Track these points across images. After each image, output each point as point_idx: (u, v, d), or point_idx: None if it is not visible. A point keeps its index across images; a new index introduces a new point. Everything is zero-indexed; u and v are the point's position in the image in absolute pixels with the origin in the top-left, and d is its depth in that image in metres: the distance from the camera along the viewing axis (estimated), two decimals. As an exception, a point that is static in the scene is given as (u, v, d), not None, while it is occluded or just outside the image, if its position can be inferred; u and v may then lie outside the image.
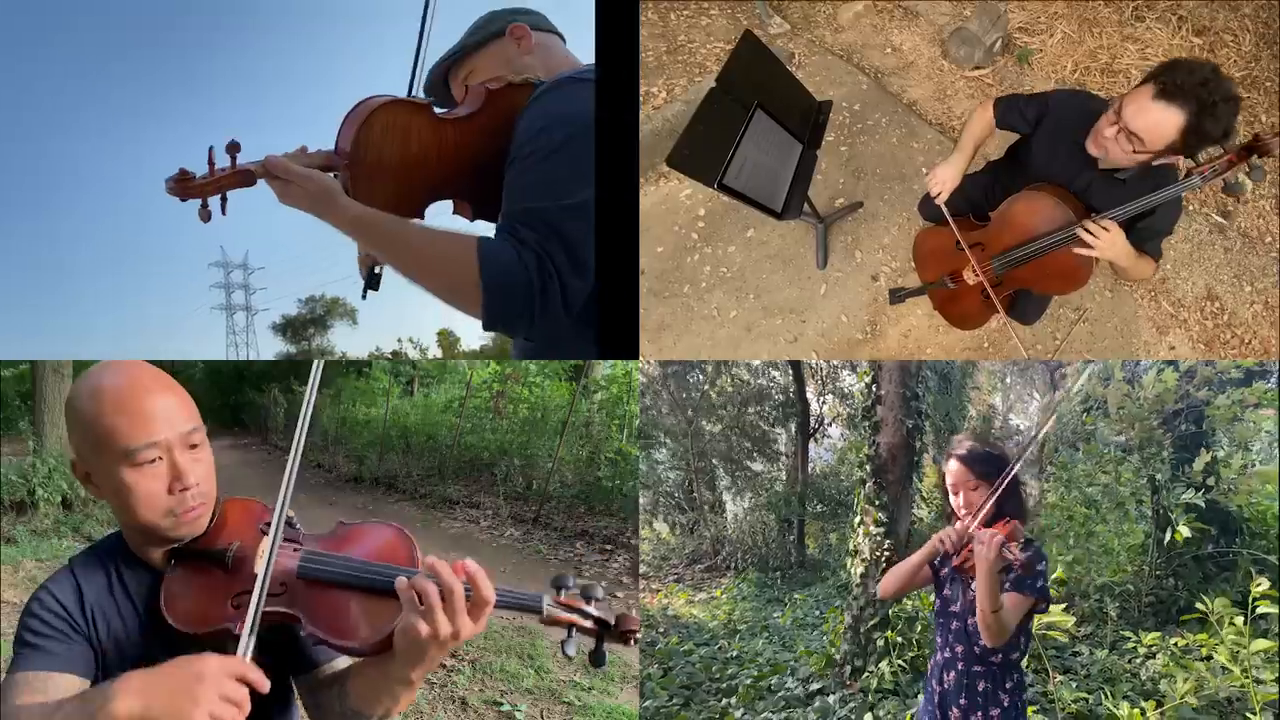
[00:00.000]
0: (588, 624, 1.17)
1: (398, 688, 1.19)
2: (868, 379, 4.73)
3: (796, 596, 7.75)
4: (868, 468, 4.73)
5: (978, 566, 1.77)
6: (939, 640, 2.01)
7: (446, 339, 32.32)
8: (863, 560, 4.63)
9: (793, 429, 10.64)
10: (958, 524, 1.89)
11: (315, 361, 1.44)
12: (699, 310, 3.26)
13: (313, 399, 1.26)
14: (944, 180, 2.30)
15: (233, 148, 1.52)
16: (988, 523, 1.87)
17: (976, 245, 2.36)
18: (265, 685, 1.07)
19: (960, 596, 1.95)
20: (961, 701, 1.93)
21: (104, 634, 1.21)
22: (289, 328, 36.53)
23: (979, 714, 1.91)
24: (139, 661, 1.18)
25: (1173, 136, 1.85)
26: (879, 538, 4.58)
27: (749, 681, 4.54)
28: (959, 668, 1.94)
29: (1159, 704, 3.06)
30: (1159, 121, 1.84)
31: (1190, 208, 3.57)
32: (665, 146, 3.59)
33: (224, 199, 1.55)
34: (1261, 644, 2.72)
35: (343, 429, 11.57)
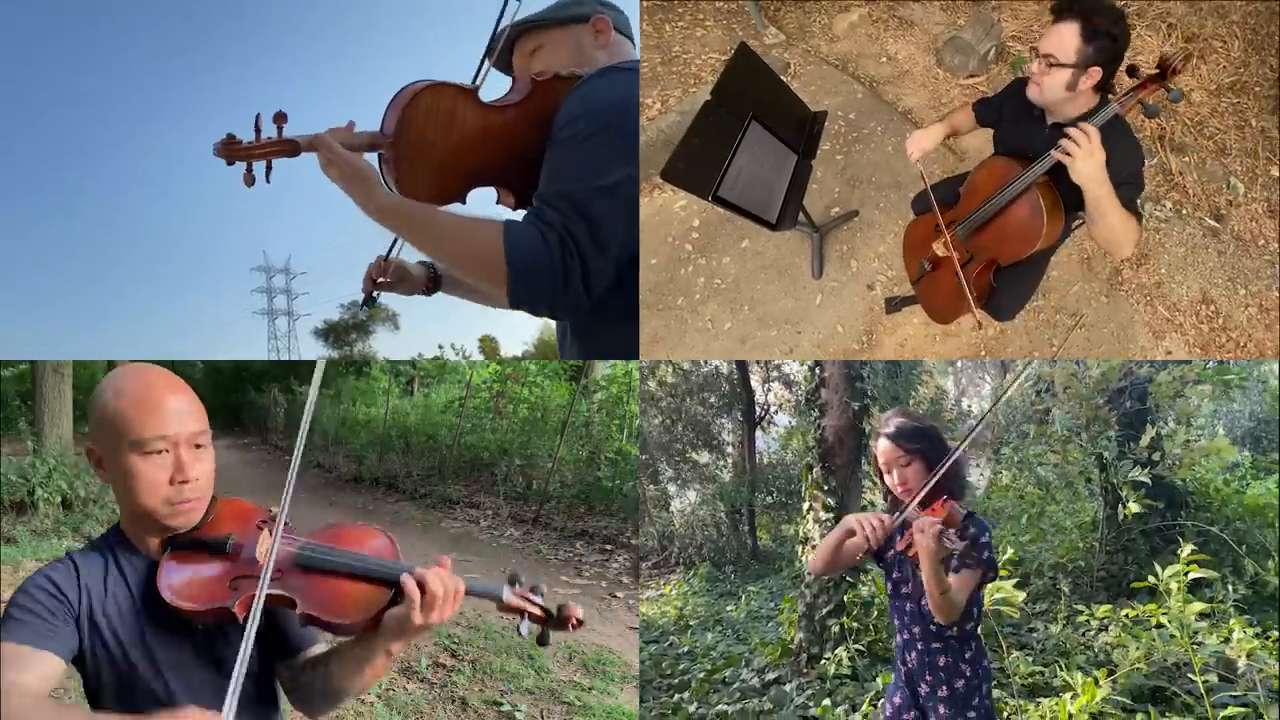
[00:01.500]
0: (536, 610, 1.34)
1: (378, 659, 1.33)
2: (810, 362, 4.67)
3: (750, 589, 7.72)
4: (814, 452, 4.71)
5: (920, 555, 1.80)
6: (897, 623, 2.07)
7: (489, 344, 32.46)
8: (813, 547, 4.58)
9: (738, 418, 10.58)
10: (884, 518, 1.89)
11: (318, 361, 1.49)
12: (693, 323, 3.28)
13: (315, 399, 1.39)
14: (920, 144, 2.54)
15: (279, 118, 1.57)
16: (925, 502, 1.89)
17: (951, 224, 2.51)
18: None
19: (911, 578, 2.00)
20: (927, 678, 2.00)
21: (97, 614, 1.29)
22: (331, 332, 36.61)
23: (944, 688, 1.98)
24: (133, 640, 1.29)
25: (1077, 44, 2.09)
26: (829, 523, 4.54)
27: (702, 675, 4.52)
28: (919, 647, 2.01)
29: (1111, 673, 3.16)
30: (1061, 35, 2.10)
31: (1184, 211, 3.61)
32: (660, 158, 3.62)
33: (269, 166, 1.59)
34: (1196, 606, 2.84)
35: (343, 429, 11.63)
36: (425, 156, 1.65)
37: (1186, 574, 2.88)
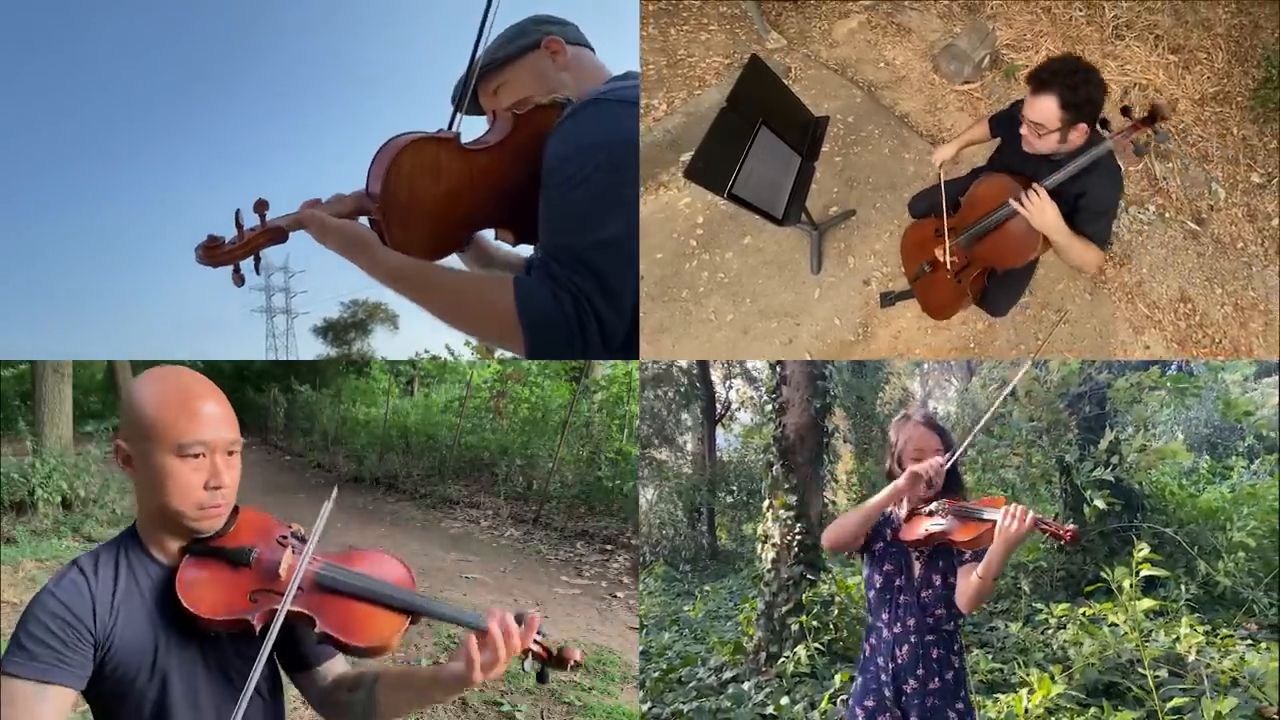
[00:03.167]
0: (538, 649, 1.40)
1: (429, 704, 1.43)
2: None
3: (708, 588, 7.86)
4: (774, 449, 4.79)
5: (1001, 540, 1.82)
6: (885, 617, 2.08)
7: (484, 346, 32.68)
8: (773, 545, 4.68)
9: (698, 414, 10.62)
10: (932, 462, 1.97)
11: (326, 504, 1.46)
12: (697, 314, 3.47)
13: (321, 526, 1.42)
14: (941, 154, 2.85)
15: (260, 206, 1.55)
16: (935, 498, 2.00)
17: (951, 230, 2.74)
18: None
19: (905, 570, 2.05)
20: (919, 671, 2.02)
21: (109, 629, 1.28)
22: (330, 331, 36.66)
23: (936, 680, 2.01)
24: (145, 647, 1.30)
25: (1058, 113, 2.32)
26: (789, 521, 4.63)
27: (656, 675, 4.54)
28: (912, 640, 2.03)
29: (1067, 669, 3.33)
30: (1042, 107, 2.32)
31: (1167, 215, 3.84)
32: (666, 157, 3.86)
33: (257, 258, 1.59)
34: (1147, 603, 3.02)
35: (343, 429, 11.80)
36: (417, 212, 1.63)
37: (1138, 573, 3.03)
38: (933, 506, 1.98)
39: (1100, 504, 4.20)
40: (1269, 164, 3.87)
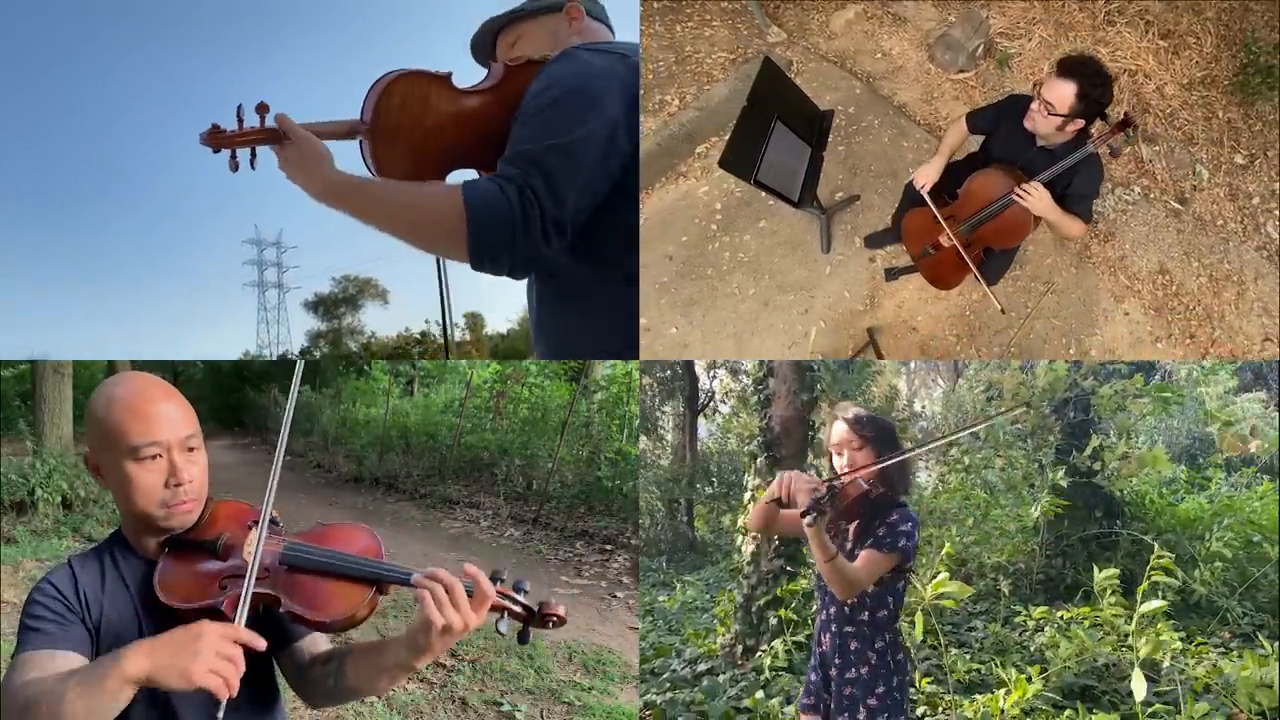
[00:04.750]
0: (516, 609, 1.39)
1: (398, 672, 1.39)
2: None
3: (686, 579, 7.94)
4: (758, 441, 4.85)
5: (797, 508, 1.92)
6: (819, 603, 2.22)
7: (476, 322, 33.17)
8: (753, 538, 4.71)
9: (680, 404, 10.69)
10: (811, 479, 1.98)
11: (298, 362, 1.64)
12: (722, 289, 3.79)
13: (294, 399, 1.50)
14: (927, 177, 3.08)
15: (261, 108, 1.71)
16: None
17: (950, 217, 3.04)
18: (260, 644, 1.24)
19: None
20: (837, 660, 2.13)
21: (97, 616, 1.35)
22: (321, 305, 36.91)
23: (852, 670, 2.11)
24: (131, 639, 1.29)
25: (1072, 100, 2.65)
26: None
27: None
28: (833, 629, 2.14)
29: (1043, 670, 3.45)
30: (1061, 91, 2.65)
31: (1151, 195, 4.06)
32: (683, 149, 4.10)
33: (253, 153, 1.74)
34: (1149, 606, 3.05)
35: (343, 429, 11.88)
36: (401, 141, 1.77)
37: (1149, 577, 3.05)
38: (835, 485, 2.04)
39: (1036, 511, 4.36)
40: (1252, 145, 4.08)
